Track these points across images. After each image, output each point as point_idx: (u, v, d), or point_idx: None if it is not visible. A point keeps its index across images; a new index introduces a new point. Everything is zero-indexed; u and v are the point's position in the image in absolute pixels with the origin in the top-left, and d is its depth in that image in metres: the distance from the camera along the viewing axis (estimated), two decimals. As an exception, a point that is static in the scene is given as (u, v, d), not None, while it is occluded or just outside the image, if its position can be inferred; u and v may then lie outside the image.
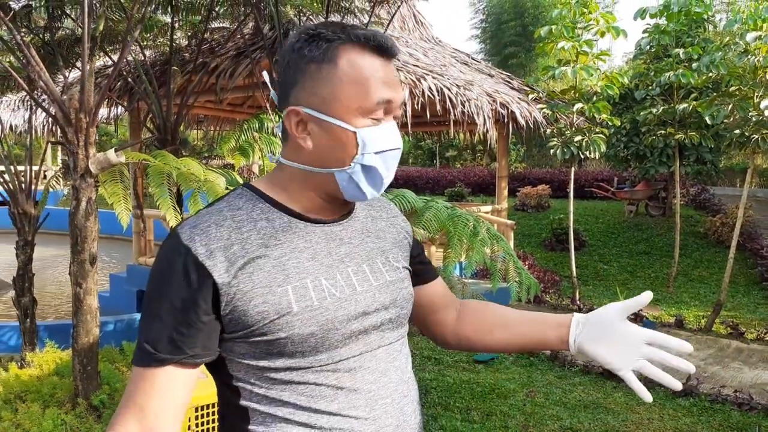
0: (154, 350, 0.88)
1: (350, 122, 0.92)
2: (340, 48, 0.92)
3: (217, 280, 0.88)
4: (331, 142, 0.94)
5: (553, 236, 10.59)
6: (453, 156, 21.07)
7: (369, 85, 0.92)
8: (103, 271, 8.81)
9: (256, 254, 0.91)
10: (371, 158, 0.93)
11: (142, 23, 3.94)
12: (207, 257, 0.88)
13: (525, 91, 8.56)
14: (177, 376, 0.90)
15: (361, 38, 0.92)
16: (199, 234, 0.90)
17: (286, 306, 0.90)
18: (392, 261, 1.06)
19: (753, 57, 6.07)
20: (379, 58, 0.94)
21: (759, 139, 6.10)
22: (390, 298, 1.01)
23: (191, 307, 0.88)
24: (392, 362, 1.01)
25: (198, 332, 0.88)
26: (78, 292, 3.36)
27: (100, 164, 3.29)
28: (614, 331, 1.04)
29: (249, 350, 0.91)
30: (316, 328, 0.91)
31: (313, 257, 0.95)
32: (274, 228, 0.95)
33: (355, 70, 0.92)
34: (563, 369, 5.04)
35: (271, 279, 0.90)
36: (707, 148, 9.65)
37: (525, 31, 19.65)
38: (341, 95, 0.92)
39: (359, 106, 0.92)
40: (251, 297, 0.89)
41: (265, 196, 0.98)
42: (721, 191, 15.23)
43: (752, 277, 8.74)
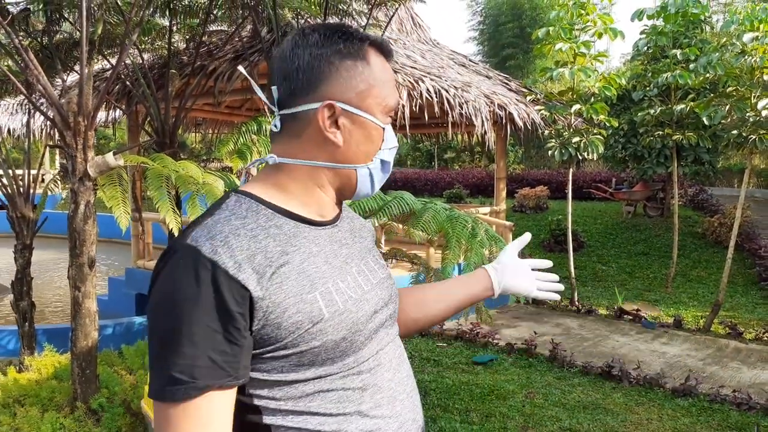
0: (191, 378, 0.79)
1: (380, 119, 0.97)
2: (369, 48, 0.97)
3: (253, 294, 0.83)
4: (363, 137, 0.96)
5: (551, 237, 10.60)
6: (451, 158, 21.09)
7: (392, 87, 0.99)
8: (101, 275, 8.81)
9: (280, 262, 0.87)
10: (386, 153, 1.00)
11: (140, 26, 3.95)
12: (237, 270, 0.82)
13: (523, 93, 8.57)
14: (220, 402, 0.82)
15: (379, 42, 0.98)
16: (221, 246, 0.83)
17: (318, 313, 0.87)
18: (378, 258, 1.09)
19: (750, 58, 6.10)
20: (389, 62, 1.00)
21: (756, 140, 6.12)
22: (387, 294, 1.03)
23: (232, 324, 0.81)
24: (399, 356, 1.03)
25: (240, 350, 0.82)
26: (76, 296, 3.36)
27: (98, 167, 3.29)
28: (517, 267, 1.30)
29: (276, 365, 0.87)
30: (346, 332, 0.90)
31: (327, 261, 0.94)
32: (285, 234, 0.91)
33: (383, 72, 0.97)
34: (562, 370, 5.05)
35: (300, 287, 0.87)
36: (705, 148, 9.68)
37: (523, 33, 19.68)
38: (375, 93, 0.96)
39: (386, 104, 0.97)
40: (285, 308, 0.85)
41: (264, 201, 0.94)
42: (719, 192, 15.26)
43: (750, 277, 8.75)
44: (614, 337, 6.08)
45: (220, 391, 0.81)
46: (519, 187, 14.53)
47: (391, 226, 4.24)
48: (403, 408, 0.98)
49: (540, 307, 7.30)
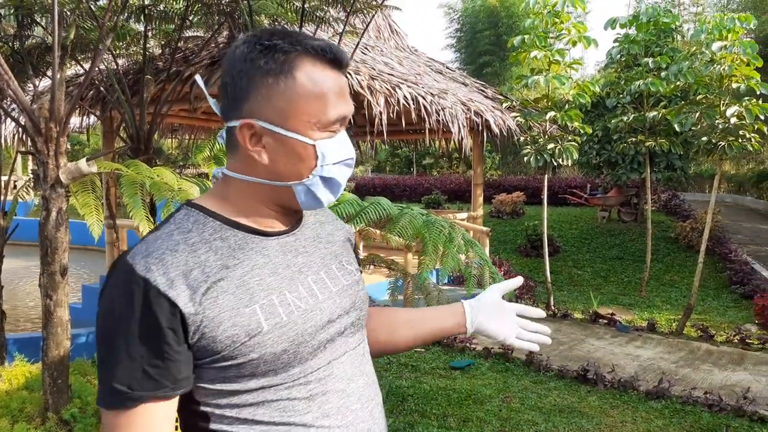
0: (129, 389, 0.83)
1: (309, 135, 0.91)
2: (297, 60, 0.90)
3: (183, 309, 0.84)
4: (288, 155, 0.92)
5: (527, 242, 10.71)
6: (430, 164, 21.19)
7: (327, 100, 0.91)
8: (75, 283, 8.66)
9: (217, 277, 0.88)
10: (330, 169, 0.94)
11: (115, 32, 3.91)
12: (168, 287, 0.84)
13: (499, 100, 8.67)
14: (158, 411, 0.85)
15: (318, 50, 0.91)
16: (155, 263, 0.85)
17: (256, 326, 0.87)
18: (345, 264, 1.06)
19: (719, 66, 6.25)
20: (334, 71, 0.93)
21: (725, 146, 6.27)
22: (349, 301, 1.02)
23: (162, 339, 0.84)
24: (358, 366, 1.01)
25: (174, 363, 0.85)
26: (48, 304, 3.30)
27: (71, 174, 3.25)
28: (497, 309, 1.22)
29: (218, 375, 0.89)
30: (288, 344, 0.89)
31: (274, 272, 0.93)
32: (230, 247, 0.91)
33: (313, 85, 0.90)
34: (538, 374, 5.09)
35: (237, 300, 0.88)
36: (677, 155, 9.89)
37: (499, 41, 19.89)
38: (300, 109, 0.90)
39: (318, 120, 0.91)
40: (219, 322, 0.86)
41: (214, 213, 0.94)
42: (691, 197, 15.58)
43: (721, 281, 8.93)
44: (589, 341, 6.15)
45: (157, 402, 0.85)
46: (496, 193, 14.67)
47: (368, 232, 4.25)
48: (356, 418, 0.97)
49: (517, 311, 7.36)
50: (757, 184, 15.73)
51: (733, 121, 6.14)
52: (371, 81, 5.83)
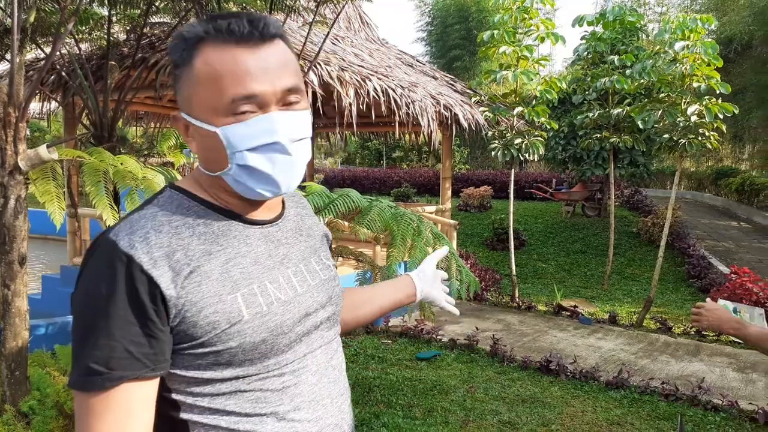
0: (108, 369, 0.80)
1: (211, 122, 0.86)
2: (199, 46, 0.86)
3: (165, 292, 0.83)
4: (204, 144, 0.89)
5: (494, 236, 10.83)
6: (400, 157, 21.22)
7: (222, 82, 0.85)
8: (34, 273, 8.43)
9: (200, 262, 0.87)
10: (245, 157, 0.87)
11: (77, 15, 3.81)
12: (152, 266, 0.83)
13: (468, 94, 8.73)
14: (138, 392, 0.82)
15: (219, 29, 0.85)
16: (139, 241, 0.84)
17: (237, 314, 0.87)
18: (324, 259, 1.07)
19: (681, 65, 6.40)
20: (242, 48, 0.85)
21: (686, 144, 6.44)
22: (326, 296, 1.02)
23: (147, 317, 0.82)
24: (329, 361, 1.02)
25: (157, 342, 0.83)
26: (6, 294, 3.22)
27: (30, 161, 3.16)
28: (435, 277, 1.42)
29: (194, 362, 0.87)
30: (267, 334, 0.89)
31: (256, 261, 0.92)
32: (213, 233, 0.91)
33: (208, 68, 0.85)
34: (502, 364, 5.18)
35: (220, 287, 0.87)
36: (640, 151, 10.12)
37: (469, 35, 19.99)
38: (198, 96, 0.87)
39: (214, 105, 0.86)
40: (201, 307, 0.85)
41: (197, 197, 0.93)
42: (653, 193, 15.98)
43: (680, 275, 9.20)
44: (553, 333, 6.27)
45: (137, 382, 0.82)
46: (464, 187, 14.79)
47: (337, 224, 4.25)
48: (326, 413, 0.98)
49: (482, 303, 7.46)
50: (716, 182, 16.21)
51: (694, 119, 6.31)
52: (341, 72, 5.81)
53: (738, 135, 16.61)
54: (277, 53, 0.88)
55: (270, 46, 0.87)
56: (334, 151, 25.75)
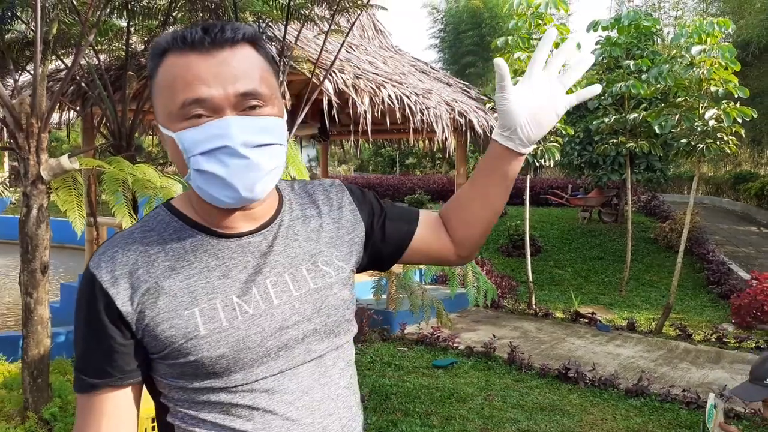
0: (86, 376, 0.90)
1: (169, 127, 0.88)
2: (164, 57, 0.89)
3: (120, 308, 0.88)
4: (170, 150, 0.91)
5: (509, 242, 10.78)
6: (413, 163, 21.24)
7: (174, 88, 0.86)
8: (54, 281, 8.54)
9: (160, 278, 0.90)
10: (198, 161, 0.86)
11: (97, 27, 3.87)
12: (111, 284, 0.88)
13: (482, 101, 8.71)
14: (114, 398, 0.91)
15: (175, 40, 0.87)
16: (105, 260, 0.90)
17: (193, 329, 0.88)
18: (321, 265, 1.00)
19: (698, 69, 6.35)
20: (195, 55, 0.86)
21: (704, 148, 6.37)
22: (313, 307, 0.96)
23: (105, 333, 0.89)
24: (318, 379, 0.96)
25: (119, 355, 0.89)
26: (28, 302, 3.26)
27: (52, 170, 3.21)
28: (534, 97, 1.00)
29: (167, 371, 0.92)
30: (226, 350, 0.88)
31: (226, 274, 0.92)
32: (184, 248, 0.92)
33: (165, 75, 0.88)
34: (520, 372, 5.14)
35: (177, 303, 0.89)
36: (657, 156, 10.02)
37: (482, 42, 19.98)
38: (158, 102, 0.90)
39: (169, 111, 0.87)
40: (158, 322, 0.88)
41: (180, 214, 0.96)
42: (670, 198, 15.81)
43: (699, 281, 9.08)
44: (570, 340, 6.22)
45: (110, 390, 0.91)
46: (479, 193, 14.72)
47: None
48: None
49: (498, 310, 7.41)
50: (734, 186, 16.01)
51: (712, 123, 6.24)
52: (356, 80, 5.83)
53: (756, 139, 16.40)
54: (235, 59, 0.87)
55: (229, 51, 0.86)
56: (348, 158, 25.83)
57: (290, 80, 5.60)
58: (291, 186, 1.08)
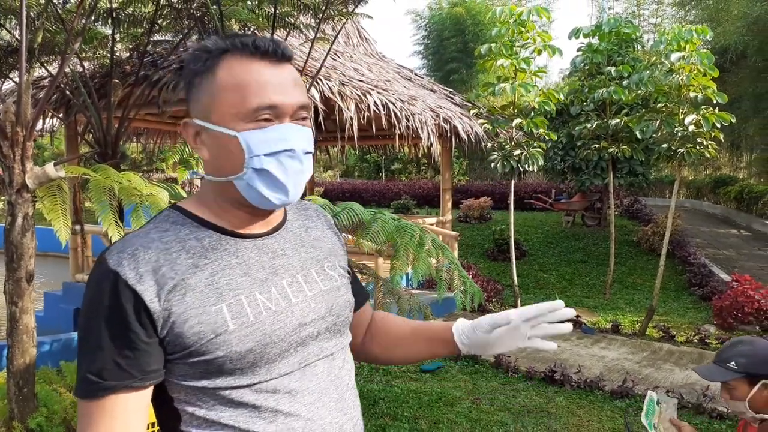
0: (100, 379, 0.87)
1: (231, 127, 0.92)
2: (222, 57, 0.94)
3: (149, 305, 0.88)
4: (219, 149, 0.95)
5: (495, 246, 10.85)
6: (398, 169, 21.30)
7: (247, 90, 0.92)
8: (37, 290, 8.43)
9: (186, 275, 0.91)
10: (261, 161, 0.92)
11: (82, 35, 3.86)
12: (137, 281, 0.88)
13: (466, 107, 8.79)
14: (129, 401, 0.88)
15: (241, 45, 0.93)
16: (126, 258, 0.90)
17: (222, 324, 0.90)
18: (327, 270, 1.07)
19: (677, 76, 6.46)
20: (265, 63, 0.93)
21: (684, 153, 6.48)
22: (325, 306, 1.02)
23: (130, 330, 0.87)
24: (333, 380, 1.02)
25: (142, 354, 0.88)
26: (14, 311, 3.23)
27: (38, 179, 3.19)
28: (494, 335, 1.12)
29: (188, 371, 0.91)
30: (254, 344, 0.91)
31: (246, 272, 0.96)
32: (203, 247, 0.95)
33: (232, 77, 0.93)
34: (507, 375, 5.18)
35: (205, 299, 0.91)
36: (638, 161, 10.17)
37: (466, 48, 20.13)
38: (220, 102, 0.93)
39: (237, 111, 0.92)
40: (185, 318, 0.89)
41: (193, 215, 0.98)
42: (651, 202, 16.03)
43: (681, 283, 9.21)
44: (556, 343, 6.27)
45: (127, 392, 0.88)
46: (464, 198, 14.82)
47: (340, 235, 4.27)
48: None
49: (484, 314, 7.45)
50: (714, 190, 16.27)
51: (691, 128, 6.35)
52: (342, 87, 5.87)
53: (735, 143, 16.70)
54: (291, 73, 0.97)
55: (286, 66, 0.96)
56: (333, 164, 25.83)
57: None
58: None
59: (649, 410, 2.20)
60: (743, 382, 2.01)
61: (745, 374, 2.00)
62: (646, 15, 22.47)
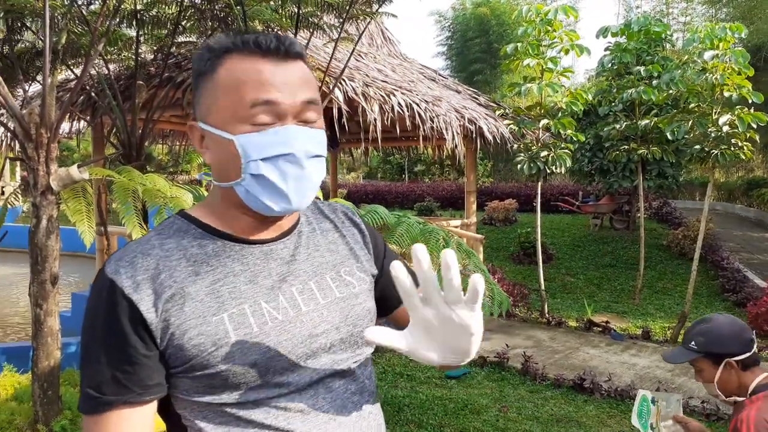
0: (99, 394, 0.83)
1: (228, 130, 0.87)
2: (224, 57, 0.88)
3: (146, 315, 0.83)
4: (219, 153, 0.89)
5: (520, 250, 10.70)
6: (421, 170, 21.20)
7: (243, 89, 0.86)
8: (65, 290, 8.54)
9: (185, 283, 0.86)
10: (258, 166, 0.86)
11: (107, 37, 3.86)
12: (133, 290, 0.83)
13: (492, 108, 8.67)
14: (130, 417, 0.84)
15: (246, 42, 0.88)
16: (124, 266, 0.85)
17: (224, 336, 0.84)
18: (344, 275, 0.99)
19: (711, 75, 6.27)
20: (267, 61, 0.87)
21: (718, 154, 6.28)
22: (340, 316, 0.94)
23: (127, 343, 0.82)
24: (350, 396, 0.94)
25: (141, 367, 0.83)
26: (38, 314, 3.23)
27: (62, 181, 3.19)
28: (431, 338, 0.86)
29: (192, 385, 0.86)
30: (258, 357, 0.85)
31: (252, 280, 0.89)
32: (206, 254, 0.89)
33: (230, 76, 0.87)
34: (534, 383, 5.05)
35: (205, 308, 0.85)
36: (668, 162, 9.92)
37: (490, 48, 19.96)
38: (218, 103, 0.88)
39: (234, 112, 0.86)
40: (185, 330, 0.83)
41: (198, 221, 0.94)
42: (681, 204, 15.66)
43: (714, 288, 8.95)
44: (585, 350, 6.13)
45: (127, 407, 0.83)
46: (488, 200, 14.67)
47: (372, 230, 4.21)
48: None
49: (511, 319, 7.33)
50: (747, 192, 15.84)
51: (726, 129, 6.16)
52: (365, 88, 5.81)
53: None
54: (298, 70, 0.90)
55: (293, 63, 0.90)
56: (357, 166, 25.84)
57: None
58: None
59: (642, 410, 2.09)
60: (707, 362, 1.89)
61: (705, 353, 1.88)
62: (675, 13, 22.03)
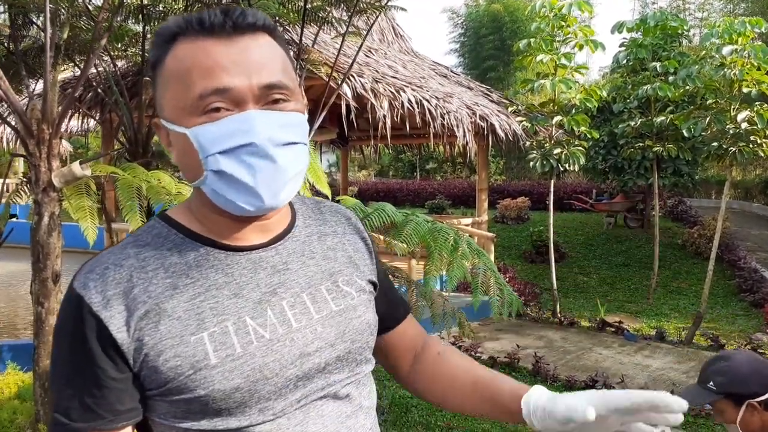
0: (68, 420, 0.74)
1: (182, 123, 0.76)
2: (172, 43, 0.78)
3: (115, 335, 0.74)
4: (179, 150, 0.79)
5: (533, 248, 10.58)
6: (433, 168, 21.11)
7: (189, 77, 0.75)
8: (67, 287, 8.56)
9: (161, 298, 0.76)
10: (217, 161, 0.75)
11: (110, 32, 3.81)
12: (102, 307, 0.74)
13: (504, 104, 8.57)
14: None
15: (190, 22, 0.76)
16: (93, 279, 0.76)
17: (203, 357, 0.75)
18: (342, 285, 0.89)
19: (729, 71, 6.12)
20: (214, 41, 0.75)
21: (736, 152, 6.14)
22: (336, 331, 0.84)
23: (94, 365, 0.74)
24: (344, 422, 0.84)
25: (111, 391, 0.75)
26: (40, 312, 3.19)
27: (64, 177, 3.14)
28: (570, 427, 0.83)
29: (170, 410, 0.77)
30: (241, 381, 0.76)
31: (236, 293, 0.79)
32: (187, 264, 0.79)
33: (177, 63, 0.77)
34: (546, 384, 4.95)
35: (183, 327, 0.76)
36: (684, 160, 9.75)
37: (503, 45, 19.80)
38: (168, 95, 0.78)
39: (183, 104, 0.76)
40: (160, 350, 0.74)
41: (180, 226, 0.83)
42: (696, 203, 15.43)
43: (730, 289, 8.79)
44: (597, 350, 6.02)
45: None
46: (500, 198, 14.54)
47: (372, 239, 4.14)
48: None
49: (522, 319, 7.23)
50: (765, 191, 15.57)
51: (744, 126, 6.02)
52: (375, 84, 5.73)
53: (787, 142, 15.95)
54: (258, 46, 0.78)
55: (250, 38, 0.77)
56: (368, 163, 25.78)
57: (308, 85, 5.51)
58: (302, 199, 0.97)
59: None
60: (728, 403, 1.73)
61: (725, 394, 1.73)
62: (692, 9, 21.73)
